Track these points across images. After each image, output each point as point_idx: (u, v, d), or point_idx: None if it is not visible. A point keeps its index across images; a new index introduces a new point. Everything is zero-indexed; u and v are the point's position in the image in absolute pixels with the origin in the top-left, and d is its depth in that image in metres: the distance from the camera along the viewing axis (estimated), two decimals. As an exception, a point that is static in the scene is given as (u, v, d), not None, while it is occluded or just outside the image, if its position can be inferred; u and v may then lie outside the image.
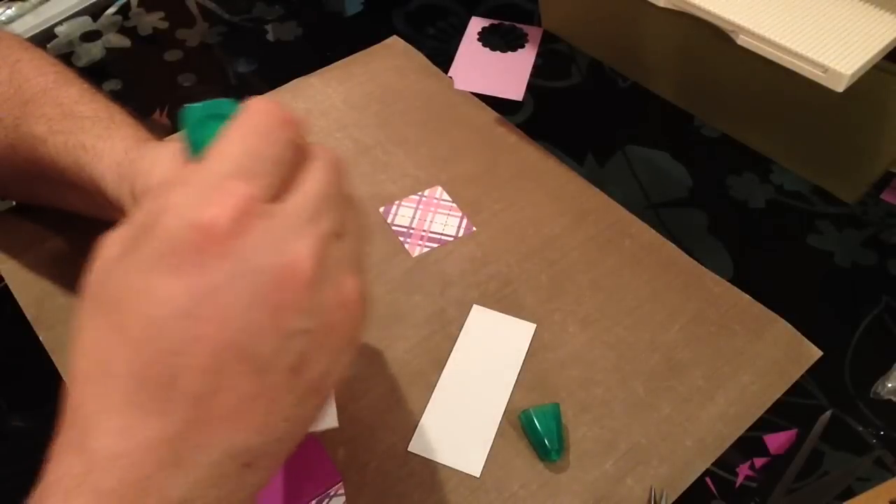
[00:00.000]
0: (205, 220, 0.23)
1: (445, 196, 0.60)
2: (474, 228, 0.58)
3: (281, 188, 0.25)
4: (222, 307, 0.23)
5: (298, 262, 0.24)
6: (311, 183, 0.26)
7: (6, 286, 0.53)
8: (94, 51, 0.74)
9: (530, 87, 0.70)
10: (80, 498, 0.23)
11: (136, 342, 0.23)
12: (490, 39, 0.75)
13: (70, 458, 0.23)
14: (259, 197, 0.24)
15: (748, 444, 0.47)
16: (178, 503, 0.23)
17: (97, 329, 0.24)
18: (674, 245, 0.57)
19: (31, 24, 0.75)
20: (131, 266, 0.23)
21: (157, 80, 0.71)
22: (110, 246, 0.25)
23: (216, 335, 0.23)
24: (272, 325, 0.23)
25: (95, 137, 0.43)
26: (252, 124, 0.26)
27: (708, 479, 0.46)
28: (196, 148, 0.28)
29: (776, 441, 0.48)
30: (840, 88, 0.47)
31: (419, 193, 0.60)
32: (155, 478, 0.23)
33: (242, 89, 0.70)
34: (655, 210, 0.61)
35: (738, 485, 0.46)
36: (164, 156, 0.41)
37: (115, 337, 0.23)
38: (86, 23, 0.76)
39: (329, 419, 0.37)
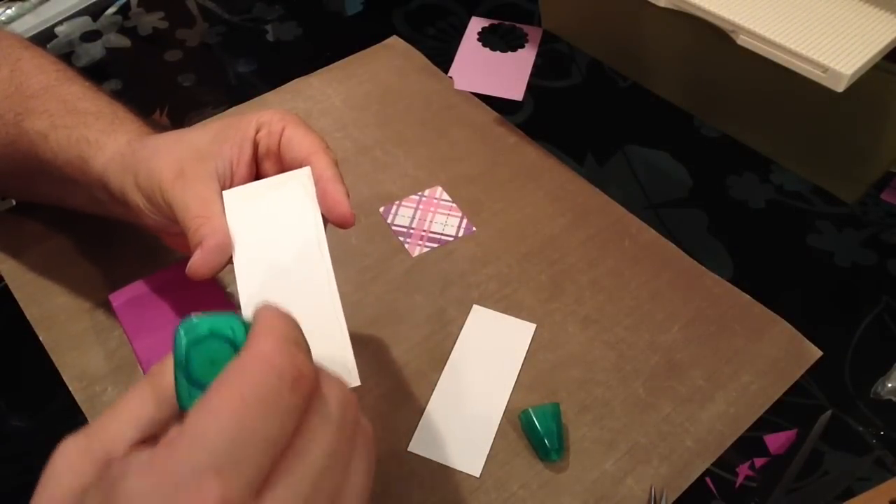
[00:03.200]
0: None
1: (445, 196, 0.60)
2: (474, 228, 0.58)
3: (272, 470, 0.22)
4: None
5: None
6: (310, 459, 0.23)
7: (6, 286, 0.53)
8: (94, 51, 0.74)
9: (530, 87, 0.70)
10: None
11: None
12: (490, 39, 0.75)
13: None
14: (234, 499, 0.20)
15: (748, 444, 0.47)
16: None
17: None
18: (674, 245, 0.57)
19: (31, 24, 0.75)
20: None
21: (157, 80, 0.71)
22: (68, 469, 0.22)
23: None
24: None
25: (98, 132, 0.43)
26: (251, 389, 0.22)
27: (708, 479, 0.46)
28: (187, 375, 0.25)
29: (776, 441, 0.48)
30: (840, 88, 0.47)
31: (419, 193, 0.60)
32: None
33: (242, 89, 0.70)
34: (655, 210, 0.61)
35: (738, 485, 0.46)
36: (167, 142, 0.41)
37: None
38: (86, 23, 0.76)
39: (351, 377, 0.35)
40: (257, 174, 0.41)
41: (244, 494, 0.21)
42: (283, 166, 0.40)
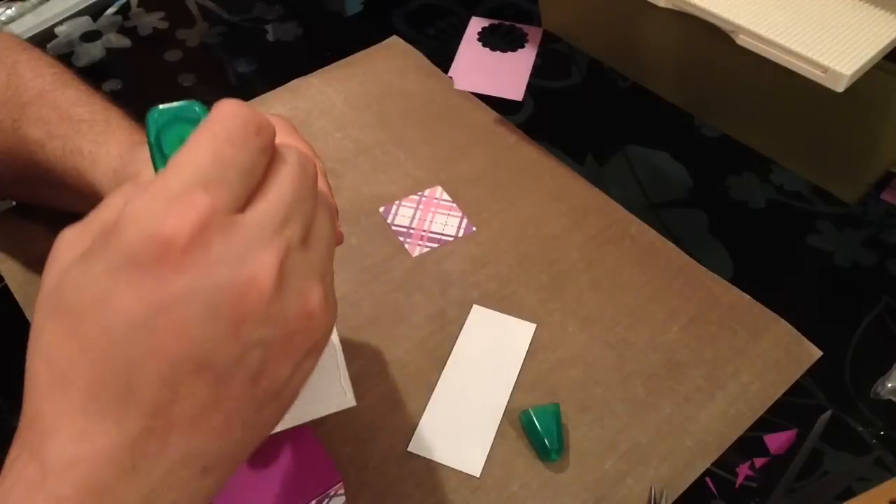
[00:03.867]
0: (164, 232, 0.22)
1: (445, 196, 0.60)
2: (474, 228, 0.58)
3: (247, 196, 0.25)
4: (180, 320, 0.23)
5: (259, 275, 0.23)
6: (278, 190, 0.25)
7: (6, 286, 0.53)
8: (94, 51, 0.74)
9: (530, 87, 0.70)
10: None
11: (92, 350, 0.23)
12: (490, 39, 0.75)
13: (25, 465, 0.23)
14: (222, 208, 0.23)
15: (748, 444, 0.47)
16: None
17: (53, 333, 0.24)
18: (674, 245, 0.57)
19: (31, 24, 0.75)
20: (89, 272, 0.23)
21: (157, 80, 0.71)
22: (68, 245, 0.25)
23: (173, 347, 0.23)
24: (231, 338, 0.23)
25: (92, 142, 0.43)
26: (221, 130, 0.25)
27: (708, 479, 0.46)
28: (161, 152, 0.28)
29: (776, 441, 0.48)
30: (840, 88, 0.47)
31: (419, 193, 0.60)
32: (112, 484, 0.23)
33: (242, 89, 0.70)
34: (655, 210, 0.61)
35: (738, 485, 0.46)
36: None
37: (72, 343, 0.23)
38: (86, 23, 0.76)
39: (347, 399, 0.37)
40: None
41: (230, 207, 0.24)
42: None
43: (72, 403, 0.23)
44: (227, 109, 0.26)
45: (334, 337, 0.37)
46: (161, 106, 0.29)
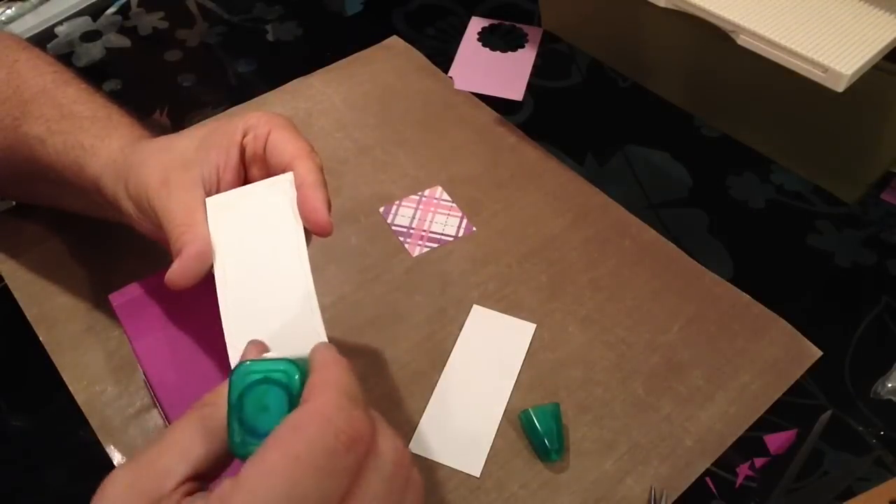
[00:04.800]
0: None
1: (445, 196, 0.60)
2: (474, 228, 0.58)
3: None
4: None
5: None
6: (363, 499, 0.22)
7: (6, 286, 0.53)
8: (94, 51, 0.74)
9: (530, 87, 0.70)
10: None
11: None
12: (490, 39, 0.75)
13: None
14: None
15: (748, 444, 0.47)
16: None
17: None
18: (674, 245, 0.57)
19: (31, 24, 0.75)
20: None
21: (157, 80, 0.71)
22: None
23: None
24: None
25: (93, 137, 0.43)
26: (305, 448, 0.21)
27: (708, 479, 0.46)
28: (239, 419, 0.25)
29: (776, 441, 0.48)
30: (840, 88, 0.47)
31: (419, 193, 0.60)
32: None
33: (242, 89, 0.70)
34: (655, 210, 0.61)
35: (738, 485, 0.46)
36: (155, 149, 0.40)
37: None
38: (86, 23, 0.76)
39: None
40: (245, 179, 0.40)
41: None
42: (269, 171, 0.39)
43: None
44: (320, 410, 0.22)
45: (309, 283, 0.35)
46: (249, 362, 0.26)
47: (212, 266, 0.36)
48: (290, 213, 0.36)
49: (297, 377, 0.26)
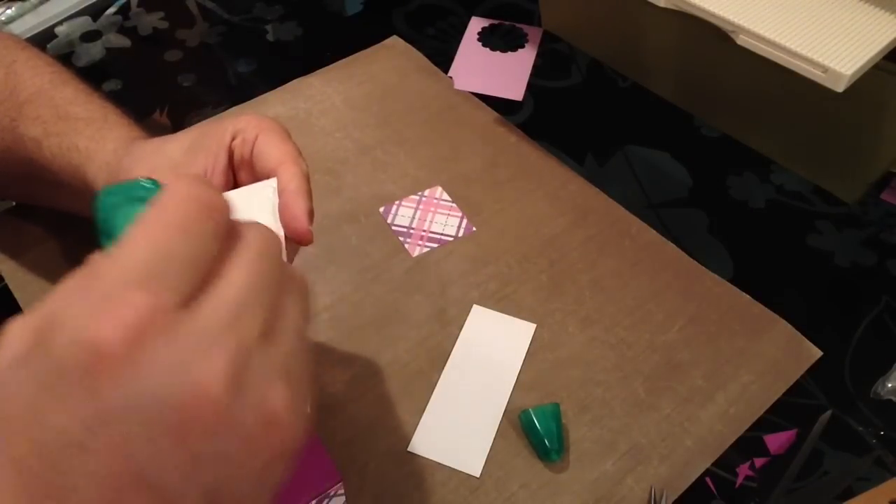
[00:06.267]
0: (95, 339, 0.20)
1: (445, 196, 0.60)
2: (474, 228, 0.58)
3: (197, 288, 0.22)
4: (119, 438, 0.20)
5: (207, 382, 0.21)
6: (233, 280, 0.22)
7: (6, 286, 0.53)
8: (94, 51, 0.74)
9: (530, 87, 0.70)
10: None
11: (23, 470, 0.20)
12: (490, 39, 0.75)
13: None
14: (164, 306, 0.21)
15: (748, 444, 0.47)
16: None
17: None
18: (674, 245, 0.57)
19: (31, 24, 0.75)
20: (21, 383, 0.21)
21: (157, 80, 0.71)
22: (10, 342, 0.22)
23: (113, 467, 0.20)
24: (178, 453, 0.20)
25: (88, 139, 0.43)
26: (163, 216, 0.22)
27: (708, 479, 0.46)
28: (109, 237, 0.25)
29: (776, 441, 0.48)
30: (840, 88, 0.47)
31: (419, 193, 0.60)
32: None
33: (242, 89, 0.70)
34: (655, 210, 0.61)
35: (738, 485, 0.46)
36: (146, 152, 0.40)
37: (4, 462, 0.20)
38: (86, 23, 0.76)
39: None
40: (235, 183, 0.40)
41: (169, 304, 0.21)
42: (256, 176, 0.38)
43: None
44: (175, 191, 0.23)
45: (279, 229, 0.34)
46: (108, 186, 0.26)
47: None
48: (271, 220, 0.35)
49: (157, 190, 0.26)
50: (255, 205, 0.36)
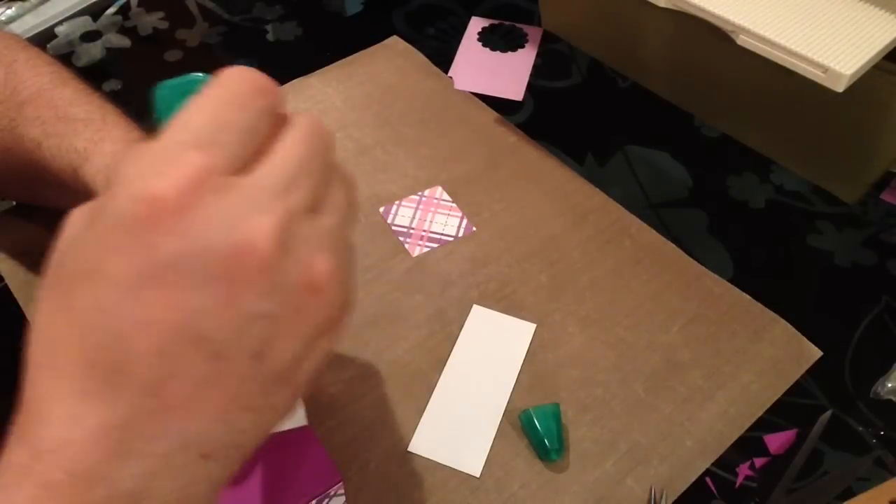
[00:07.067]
0: (152, 193, 0.21)
1: (445, 196, 0.60)
2: (474, 228, 0.58)
3: (250, 159, 0.23)
4: (171, 287, 0.21)
5: (256, 238, 0.21)
6: (284, 152, 0.24)
7: (6, 286, 0.53)
8: (94, 51, 0.74)
9: (530, 87, 0.70)
10: (25, 490, 0.21)
11: (83, 325, 0.22)
12: (490, 39, 0.75)
13: (16, 449, 0.22)
14: (219, 168, 0.22)
15: (748, 444, 0.47)
16: (129, 494, 0.22)
17: (49, 311, 0.23)
18: (674, 245, 0.57)
19: (31, 24, 0.75)
20: (85, 243, 0.22)
21: (157, 80, 0.71)
22: (73, 222, 0.24)
23: (166, 318, 0.21)
24: (227, 307, 0.21)
25: (87, 140, 0.43)
26: (221, 92, 0.23)
27: (708, 479, 0.46)
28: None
29: (776, 441, 0.48)
30: (840, 88, 0.47)
31: (419, 193, 0.60)
32: (104, 468, 0.22)
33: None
34: (655, 210, 0.61)
35: (738, 485, 0.46)
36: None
37: (64, 318, 0.22)
38: (86, 23, 0.76)
39: (296, 417, 0.37)
40: None
41: (227, 168, 0.22)
42: None
43: (64, 382, 0.22)
44: (231, 73, 0.24)
45: None
46: (167, 81, 0.28)
47: None
48: None
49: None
50: None
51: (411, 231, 0.58)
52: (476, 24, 0.77)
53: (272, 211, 0.22)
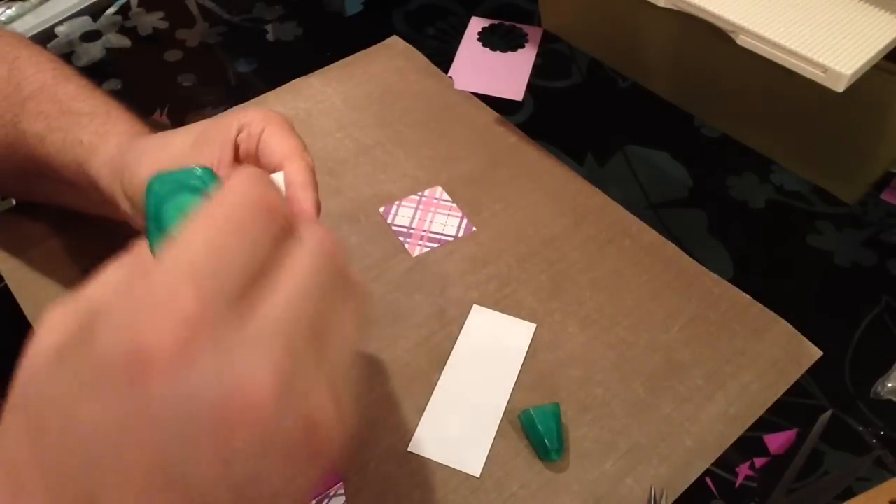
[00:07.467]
0: (141, 341, 0.19)
1: (445, 196, 0.60)
2: (474, 228, 0.58)
3: (248, 291, 0.21)
4: (153, 435, 0.20)
5: (252, 388, 0.20)
6: (285, 285, 0.22)
7: (6, 286, 0.53)
8: (94, 51, 0.74)
9: (530, 87, 0.70)
10: None
11: (55, 460, 0.20)
12: (490, 39, 0.75)
13: None
14: (214, 310, 0.20)
15: (748, 444, 0.47)
16: None
17: (16, 433, 0.21)
18: (674, 245, 0.57)
19: (31, 24, 0.75)
20: (60, 374, 0.21)
21: (157, 80, 0.71)
22: (50, 330, 0.22)
23: (144, 462, 0.20)
24: (213, 454, 0.20)
25: (92, 133, 0.43)
26: (222, 214, 0.22)
27: (708, 479, 0.46)
28: (158, 227, 0.25)
29: (776, 441, 0.48)
30: (840, 88, 0.47)
31: (419, 193, 0.60)
32: None
33: (242, 89, 0.70)
34: (655, 210, 0.61)
35: (738, 485, 0.46)
36: (150, 146, 0.40)
37: (32, 449, 0.21)
38: (86, 23, 0.76)
39: None
40: None
41: (221, 308, 0.20)
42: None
43: None
44: (233, 189, 0.22)
45: None
46: (162, 173, 0.26)
47: None
48: None
49: (213, 183, 0.25)
50: None
51: (411, 231, 0.58)
52: (476, 24, 0.77)
53: (272, 355, 0.21)
